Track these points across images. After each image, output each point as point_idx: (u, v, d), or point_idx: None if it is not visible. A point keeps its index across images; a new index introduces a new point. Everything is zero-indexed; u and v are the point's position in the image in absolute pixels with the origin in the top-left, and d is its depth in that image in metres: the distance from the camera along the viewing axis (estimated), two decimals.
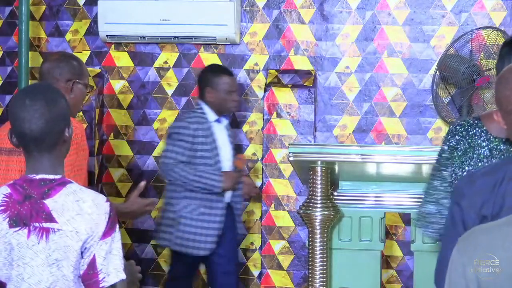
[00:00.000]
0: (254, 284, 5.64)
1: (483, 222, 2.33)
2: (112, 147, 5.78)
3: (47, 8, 5.79)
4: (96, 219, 2.35)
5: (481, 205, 2.34)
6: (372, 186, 4.08)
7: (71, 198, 2.37)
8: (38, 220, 2.36)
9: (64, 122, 2.44)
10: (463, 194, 2.39)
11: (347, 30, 5.52)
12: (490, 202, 2.32)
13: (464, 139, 2.86)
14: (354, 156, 3.85)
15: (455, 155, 2.87)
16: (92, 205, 2.37)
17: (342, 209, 3.97)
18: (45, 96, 2.43)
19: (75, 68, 3.58)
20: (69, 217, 2.35)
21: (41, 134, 2.40)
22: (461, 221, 2.38)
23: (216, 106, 4.91)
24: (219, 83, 4.92)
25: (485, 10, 5.38)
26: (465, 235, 2.01)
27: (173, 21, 5.50)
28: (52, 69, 3.55)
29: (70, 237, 2.34)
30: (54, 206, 2.36)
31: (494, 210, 2.31)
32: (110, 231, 2.36)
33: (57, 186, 2.39)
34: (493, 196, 2.32)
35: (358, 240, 4.01)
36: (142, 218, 4.19)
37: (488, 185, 2.34)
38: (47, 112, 2.40)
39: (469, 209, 2.36)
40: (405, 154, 3.94)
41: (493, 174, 2.36)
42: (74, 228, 2.34)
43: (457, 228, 2.38)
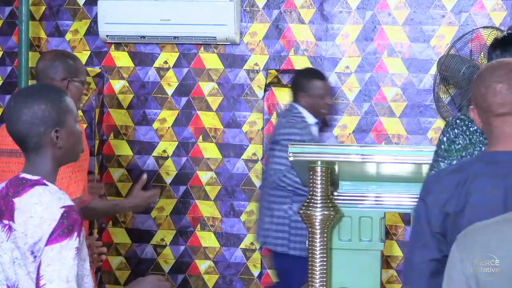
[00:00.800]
0: (254, 284, 5.64)
1: (446, 219, 2.34)
2: (112, 147, 5.78)
3: (47, 8, 5.79)
4: (42, 224, 2.30)
5: (445, 202, 2.35)
6: (372, 186, 4.07)
7: (32, 200, 2.35)
8: (7, 217, 2.36)
9: (45, 124, 2.41)
10: (429, 191, 2.41)
11: (347, 30, 5.52)
12: (454, 199, 2.34)
13: (464, 134, 2.87)
14: (354, 156, 3.85)
15: (452, 148, 2.88)
16: (44, 209, 2.32)
17: (342, 209, 3.96)
18: (28, 98, 2.42)
19: (70, 66, 3.55)
20: (24, 218, 2.33)
21: (21, 136, 2.42)
22: (425, 218, 2.39)
23: (310, 110, 4.95)
24: (311, 87, 4.95)
25: (485, 10, 5.38)
26: (464, 233, 2.02)
27: (173, 21, 5.49)
28: (47, 69, 3.53)
29: (20, 239, 2.32)
30: (19, 205, 2.36)
31: (458, 207, 2.32)
32: (60, 238, 2.28)
33: (28, 187, 2.38)
34: (457, 194, 2.33)
35: (358, 240, 4.00)
36: (146, 208, 4.15)
37: (453, 183, 2.36)
38: (24, 114, 2.40)
39: (433, 206, 2.37)
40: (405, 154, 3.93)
41: (460, 171, 2.37)
42: (25, 230, 2.32)
43: (422, 226, 2.39)
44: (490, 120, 2.37)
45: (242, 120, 5.63)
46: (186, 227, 5.71)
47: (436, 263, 2.39)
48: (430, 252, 2.39)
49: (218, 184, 5.67)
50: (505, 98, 2.34)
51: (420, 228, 2.40)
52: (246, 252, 5.64)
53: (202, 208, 5.68)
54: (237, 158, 5.64)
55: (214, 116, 5.66)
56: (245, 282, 5.66)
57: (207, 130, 5.66)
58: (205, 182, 5.68)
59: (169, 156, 5.70)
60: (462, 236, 2.00)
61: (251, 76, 5.62)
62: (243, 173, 5.63)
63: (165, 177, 5.71)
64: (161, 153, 5.72)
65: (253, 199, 5.60)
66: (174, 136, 5.70)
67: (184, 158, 5.69)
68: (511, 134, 2.35)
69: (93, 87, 5.64)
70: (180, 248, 5.72)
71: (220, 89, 5.65)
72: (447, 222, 2.34)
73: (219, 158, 5.66)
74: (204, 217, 5.68)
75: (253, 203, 5.60)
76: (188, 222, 5.71)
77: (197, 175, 5.68)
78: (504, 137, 2.36)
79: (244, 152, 5.63)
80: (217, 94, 5.65)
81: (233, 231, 5.67)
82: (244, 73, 5.62)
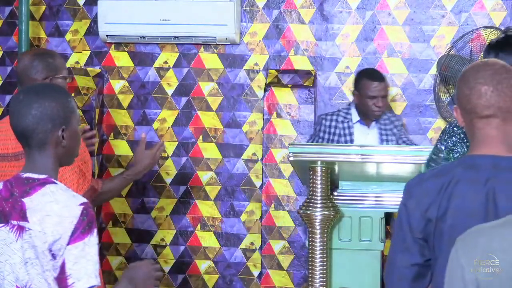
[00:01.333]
0: (254, 284, 5.64)
1: (428, 225, 2.32)
2: (112, 147, 5.78)
3: (47, 8, 5.79)
4: (63, 222, 2.32)
5: (427, 207, 2.32)
6: (372, 186, 4.08)
7: (46, 199, 2.35)
8: (16, 218, 2.36)
9: (53, 122, 2.42)
10: (410, 195, 2.38)
11: (347, 30, 5.52)
12: (436, 204, 2.31)
13: (462, 142, 2.85)
14: (354, 156, 3.85)
15: (451, 157, 2.87)
16: (62, 207, 2.33)
17: (342, 209, 3.96)
18: (39, 93, 2.43)
19: (49, 64, 3.51)
20: (40, 218, 2.33)
21: (26, 131, 2.41)
22: (407, 222, 2.36)
23: (360, 109, 4.98)
24: (361, 87, 4.96)
25: (485, 10, 5.38)
26: (464, 236, 2.00)
27: (173, 21, 5.49)
28: (27, 70, 3.49)
29: (38, 238, 2.32)
30: (30, 205, 2.35)
31: (439, 212, 2.30)
32: (82, 235, 2.32)
33: (37, 186, 2.38)
34: (439, 198, 2.31)
35: (358, 240, 4.00)
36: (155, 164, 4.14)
37: (435, 187, 2.33)
38: (34, 109, 2.40)
39: (414, 210, 2.35)
40: (405, 154, 3.93)
41: (442, 176, 2.34)
42: (42, 229, 2.32)
43: (404, 230, 2.37)
44: (473, 122, 2.34)
45: (242, 120, 5.63)
46: (186, 227, 5.71)
47: (418, 267, 2.38)
48: (412, 257, 2.37)
49: (218, 184, 5.67)
50: (490, 101, 2.30)
51: (402, 233, 2.38)
52: (246, 252, 5.64)
53: (202, 208, 5.68)
54: (237, 158, 5.64)
55: (214, 116, 5.66)
56: (245, 282, 5.66)
57: (207, 130, 5.66)
58: (205, 182, 5.68)
59: (169, 156, 5.70)
60: (462, 239, 1.99)
61: (251, 76, 5.62)
62: (243, 173, 5.63)
63: (165, 177, 5.71)
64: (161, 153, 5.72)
65: (253, 199, 5.60)
66: (174, 136, 5.70)
67: (184, 158, 5.69)
68: (494, 137, 2.32)
69: (93, 87, 5.64)
70: (180, 248, 5.72)
71: (220, 89, 5.65)
72: (429, 227, 2.32)
73: (219, 158, 5.66)
74: (204, 217, 5.68)
75: (253, 203, 5.60)
76: (188, 222, 5.71)
77: (197, 175, 5.68)
78: (487, 140, 2.32)
79: (244, 152, 5.63)
80: (217, 94, 5.65)
81: (233, 231, 5.67)
82: (244, 73, 5.62)
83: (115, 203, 5.73)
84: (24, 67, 3.50)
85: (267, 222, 5.56)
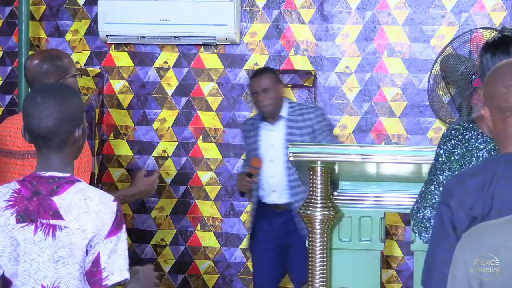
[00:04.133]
0: None
1: (473, 223, 2.31)
2: (112, 147, 5.78)
3: (47, 8, 5.79)
4: (102, 218, 2.37)
5: (471, 206, 2.32)
6: (372, 186, 4.07)
7: (79, 196, 2.39)
8: (45, 216, 2.38)
9: (73, 122, 2.45)
10: (452, 194, 2.37)
11: (347, 30, 5.52)
12: (480, 203, 2.31)
13: (461, 143, 2.85)
14: (354, 156, 3.84)
15: (452, 160, 2.86)
16: (99, 204, 2.39)
17: (342, 209, 3.96)
18: (57, 95, 2.45)
19: (58, 67, 3.49)
20: (76, 215, 2.37)
21: (48, 132, 2.42)
22: (450, 221, 2.35)
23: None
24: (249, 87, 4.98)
25: (485, 10, 5.39)
26: (469, 232, 2.00)
27: (173, 21, 5.50)
28: (38, 76, 3.46)
29: (76, 235, 2.36)
30: (62, 203, 2.38)
31: (484, 210, 2.30)
32: (116, 230, 2.38)
33: (65, 184, 2.40)
34: (483, 197, 2.30)
35: (358, 240, 4.00)
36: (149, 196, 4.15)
37: (477, 185, 2.32)
38: (56, 111, 2.42)
39: (458, 209, 2.34)
40: (405, 154, 3.93)
41: (482, 174, 2.34)
42: (80, 226, 2.36)
43: (446, 229, 2.36)
44: (507, 120, 2.35)
45: (242, 120, 5.62)
46: (186, 227, 5.71)
47: None
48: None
49: (218, 184, 5.67)
50: None
51: (443, 231, 2.36)
52: (246, 252, 5.64)
53: (202, 208, 5.68)
54: (237, 158, 5.64)
55: (214, 116, 5.66)
56: (245, 282, 5.66)
57: (207, 130, 5.66)
58: (205, 182, 5.68)
59: (169, 156, 5.70)
60: (467, 235, 1.99)
61: None
62: None
63: (165, 177, 5.71)
64: (161, 153, 5.72)
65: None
66: (174, 136, 5.70)
67: (184, 158, 5.69)
68: None
69: (93, 87, 5.64)
70: (180, 248, 5.72)
71: (220, 89, 5.65)
72: (473, 225, 2.31)
73: (219, 158, 5.66)
74: (204, 217, 5.68)
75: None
76: (188, 222, 5.71)
77: (197, 175, 5.68)
78: None
79: (244, 152, 5.62)
80: (217, 94, 5.65)
81: (233, 231, 5.67)
82: (244, 73, 5.62)
83: None
84: (35, 73, 3.47)
85: None
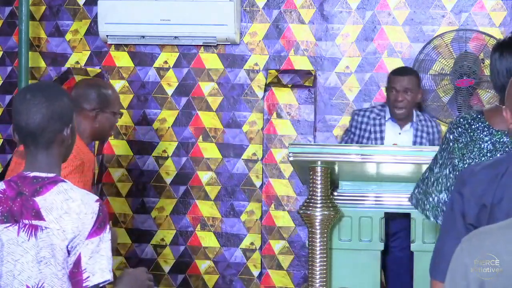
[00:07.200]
0: (254, 284, 5.64)
1: (482, 211, 2.35)
2: (112, 147, 5.78)
3: (47, 8, 5.79)
4: (83, 219, 2.35)
5: (482, 194, 2.36)
6: (372, 186, 4.08)
7: (61, 197, 2.37)
8: (27, 217, 2.37)
9: (62, 121, 2.44)
10: (465, 183, 2.41)
11: (347, 30, 5.52)
12: (491, 192, 2.34)
13: (466, 132, 2.90)
14: (354, 156, 3.85)
15: (455, 147, 2.91)
16: (80, 204, 2.36)
17: (342, 209, 3.97)
18: (46, 92, 2.44)
19: (100, 97, 3.68)
20: (57, 216, 2.35)
21: (36, 129, 2.41)
22: (460, 210, 2.39)
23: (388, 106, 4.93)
24: (387, 82, 4.98)
25: (485, 10, 5.39)
26: (469, 236, 2.00)
27: (173, 21, 5.50)
28: (79, 97, 3.66)
29: (56, 236, 2.34)
30: (44, 204, 2.37)
31: (495, 200, 2.33)
32: (98, 231, 2.36)
33: (48, 184, 2.39)
34: (494, 187, 2.34)
35: (358, 240, 4.00)
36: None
37: (490, 176, 2.36)
38: (45, 108, 2.41)
39: (469, 198, 2.38)
40: (405, 154, 3.93)
41: (496, 166, 2.38)
42: (61, 227, 2.34)
43: (456, 217, 2.40)
44: None
45: (242, 120, 5.62)
46: (186, 227, 5.71)
47: None
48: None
49: (218, 184, 5.67)
50: None
51: (453, 219, 2.40)
52: (246, 252, 5.64)
53: (202, 208, 5.68)
54: (237, 158, 5.64)
55: (214, 116, 5.66)
56: (245, 282, 5.66)
57: (207, 130, 5.66)
58: (205, 182, 5.68)
59: (169, 156, 5.70)
60: (467, 240, 1.99)
61: (251, 76, 5.62)
62: (243, 173, 5.63)
63: (165, 177, 5.71)
64: (161, 153, 5.72)
65: (253, 199, 5.60)
66: (174, 136, 5.70)
67: (184, 158, 5.69)
68: None
69: None
70: (180, 248, 5.72)
71: (220, 89, 5.65)
72: (483, 213, 2.35)
73: (219, 158, 5.66)
74: (204, 217, 5.68)
75: (253, 203, 5.60)
76: (188, 222, 5.71)
77: (197, 175, 5.68)
78: None
79: (244, 152, 5.63)
80: (217, 94, 5.65)
81: (233, 231, 5.67)
82: (244, 73, 5.62)
83: (115, 203, 5.73)
84: (77, 94, 3.69)
85: (267, 222, 5.56)
